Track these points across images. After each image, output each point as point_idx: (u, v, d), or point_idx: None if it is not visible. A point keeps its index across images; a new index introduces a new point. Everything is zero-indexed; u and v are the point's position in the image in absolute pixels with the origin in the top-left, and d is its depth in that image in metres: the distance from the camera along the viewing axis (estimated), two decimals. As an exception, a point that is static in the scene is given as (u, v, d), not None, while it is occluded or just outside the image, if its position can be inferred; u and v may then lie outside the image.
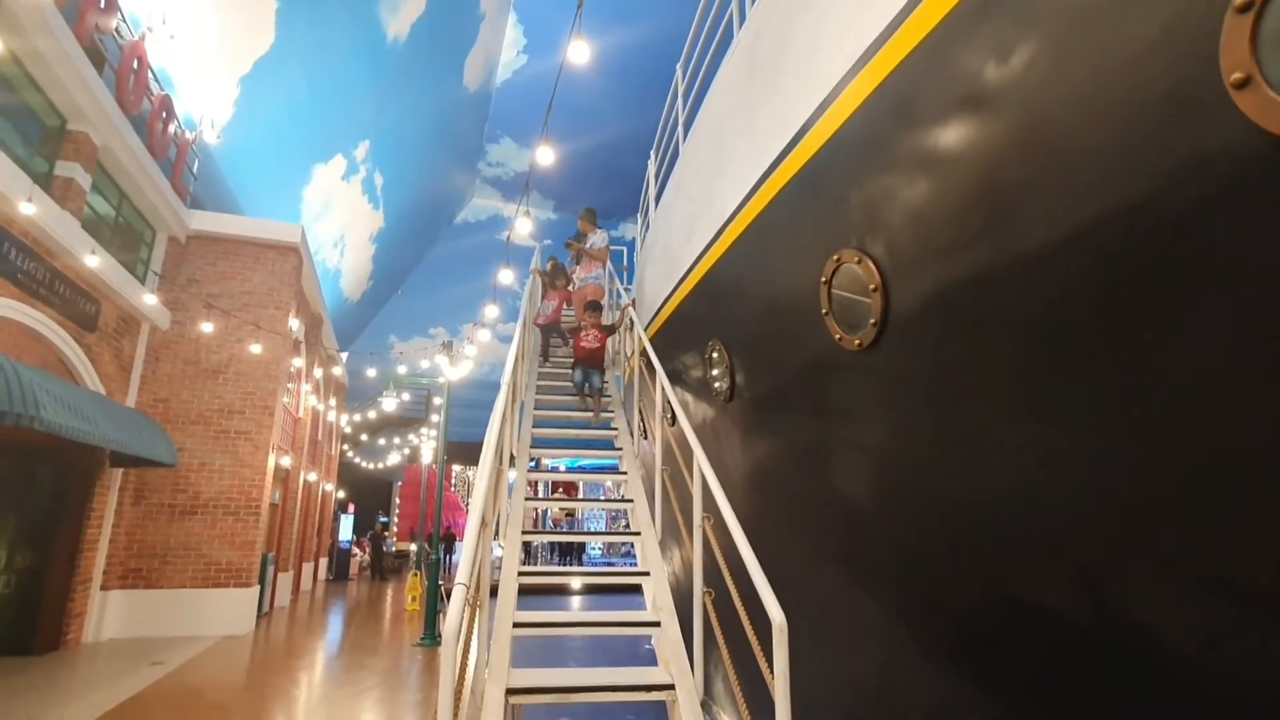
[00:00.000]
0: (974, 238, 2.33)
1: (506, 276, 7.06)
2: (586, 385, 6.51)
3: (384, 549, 17.39)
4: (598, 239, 7.85)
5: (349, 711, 5.62)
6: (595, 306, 6.76)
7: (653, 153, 7.72)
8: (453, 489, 30.79)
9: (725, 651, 2.64)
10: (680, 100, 6.22)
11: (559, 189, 24.59)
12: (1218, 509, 1.72)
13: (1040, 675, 2.22)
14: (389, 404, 10.72)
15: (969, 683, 2.51)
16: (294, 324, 10.10)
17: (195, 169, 9.30)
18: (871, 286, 2.79)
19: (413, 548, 19.44)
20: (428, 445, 15.00)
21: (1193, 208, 1.67)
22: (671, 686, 2.85)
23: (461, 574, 2.13)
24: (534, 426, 5.93)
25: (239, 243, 9.53)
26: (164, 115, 8.13)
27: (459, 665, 1.99)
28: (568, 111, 19.09)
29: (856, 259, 2.87)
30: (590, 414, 6.39)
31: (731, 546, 2.62)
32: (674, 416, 4.31)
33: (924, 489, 2.72)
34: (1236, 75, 1.48)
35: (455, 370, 8.93)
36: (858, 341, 2.91)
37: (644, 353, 5.29)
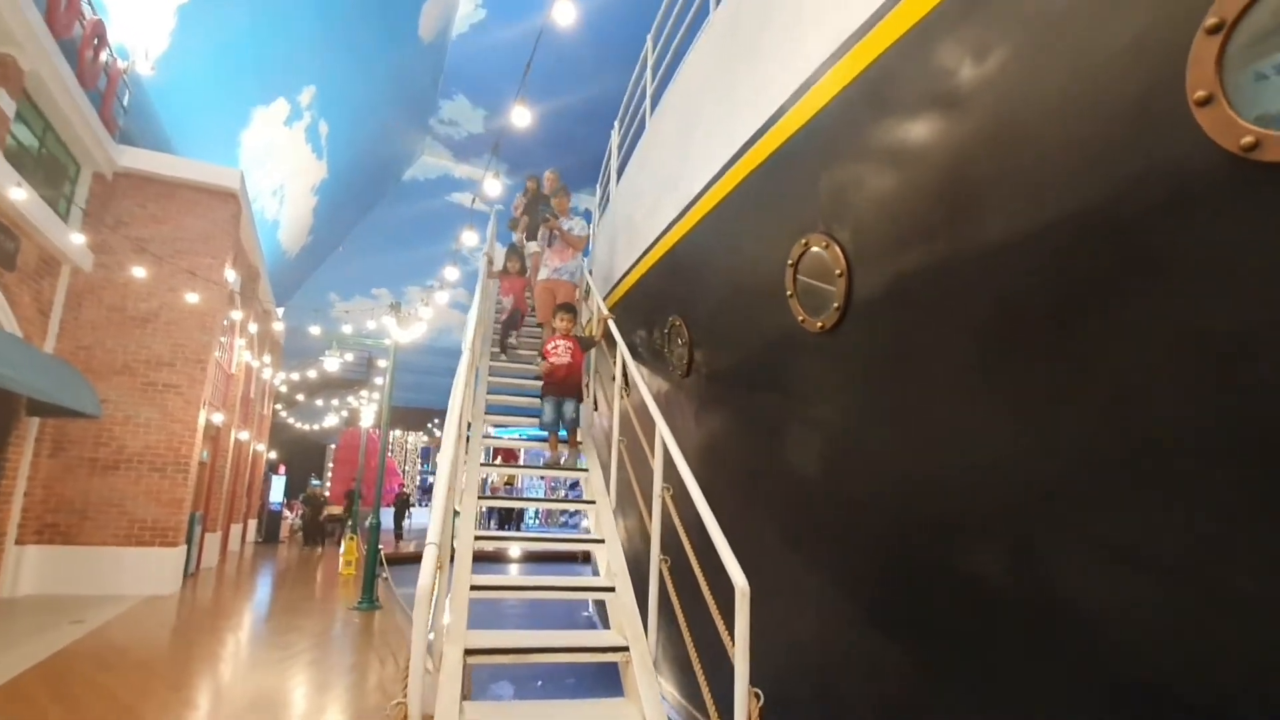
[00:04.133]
0: (938, 230, 2.44)
1: (471, 239, 6.80)
2: (560, 423, 4.88)
3: (322, 513, 16.97)
4: (576, 225, 6.44)
5: (285, 675, 5.54)
6: (568, 309, 5.23)
7: (616, 123, 7.64)
8: (390, 454, 30.21)
9: (681, 615, 2.74)
10: (650, 72, 6.17)
11: (511, 153, 23.94)
12: (1137, 490, 1.89)
13: (971, 635, 2.39)
14: (331, 364, 10.29)
15: (904, 641, 2.69)
16: (230, 275, 9.64)
17: (126, 102, 8.67)
18: (837, 271, 2.88)
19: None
20: (368, 408, 14.66)
21: (1146, 214, 1.80)
22: (626, 649, 2.94)
23: (432, 534, 2.14)
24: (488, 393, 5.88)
25: (173, 185, 8.97)
26: (95, 42, 7.54)
27: (430, 624, 2.01)
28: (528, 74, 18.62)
29: (824, 244, 2.96)
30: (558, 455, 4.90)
31: (690, 515, 2.72)
32: (627, 385, 4.35)
33: (875, 465, 2.86)
34: (1200, 93, 1.60)
35: (406, 333, 8.71)
36: (820, 324, 3.00)
37: (604, 324, 5.23)
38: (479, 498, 4.13)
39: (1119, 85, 1.83)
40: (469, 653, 2.75)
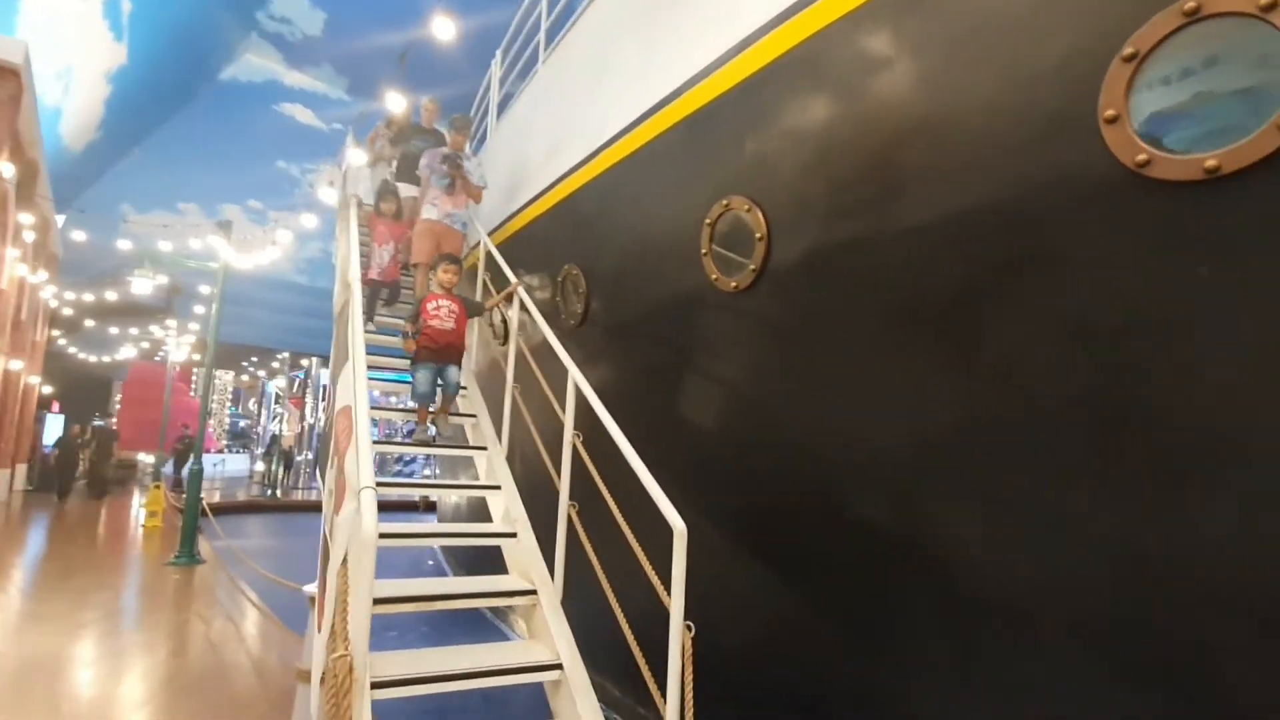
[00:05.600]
0: (859, 207, 2.65)
1: (359, 157, 6.05)
2: (440, 392, 4.23)
3: (108, 456, 14.72)
4: (476, 172, 5.44)
5: (103, 640, 4.91)
6: (455, 260, 4.51)
7: (499, 53, 7.21)
8: (192, 393, 26.90)
9: (595, 560, 2.81)
10: (545, 5, 5.87)
11: (357, 68, 21.79)
12: (1007, 449, 2.23)
13: (859, 568, 2.71)
14: (142, 286, 8.55)
15: (799, 575, 2.98)
16: (6, 169, 7.91)
17: None
18: (758, 235, 3.01)
19: (147, 458, 16.81)
20: (177, 341, 12.85)
21: (1047, 212, 2.09)
22: (534, 592, 2.97)
23: (366, 478, 2.01)
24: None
25: (-75, 48, 7.12)
26: None
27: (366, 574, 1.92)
28: (384, -18, 16.86)
29: (746, 206, 3.07)
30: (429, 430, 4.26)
31: (605, 461, 2.78)
32: (506, 335, 4.22)
33: (776, 420, 3.08)
34: (1109, 112, 1.88)
35: (249, 258, 7.69)
36: (734, 284, 3.14)
37: (490, 261, 4.83)
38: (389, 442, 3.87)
39: (1040, 94, 2.08)
40: (376, 601, 2.64)
